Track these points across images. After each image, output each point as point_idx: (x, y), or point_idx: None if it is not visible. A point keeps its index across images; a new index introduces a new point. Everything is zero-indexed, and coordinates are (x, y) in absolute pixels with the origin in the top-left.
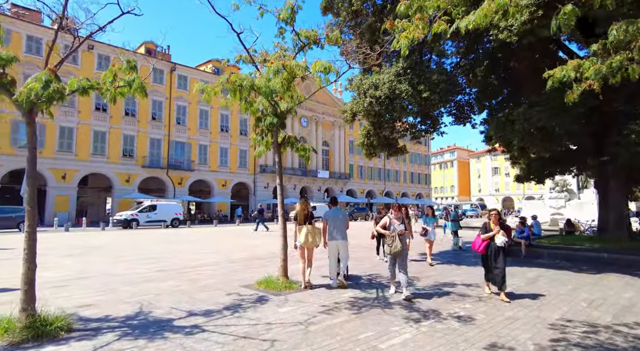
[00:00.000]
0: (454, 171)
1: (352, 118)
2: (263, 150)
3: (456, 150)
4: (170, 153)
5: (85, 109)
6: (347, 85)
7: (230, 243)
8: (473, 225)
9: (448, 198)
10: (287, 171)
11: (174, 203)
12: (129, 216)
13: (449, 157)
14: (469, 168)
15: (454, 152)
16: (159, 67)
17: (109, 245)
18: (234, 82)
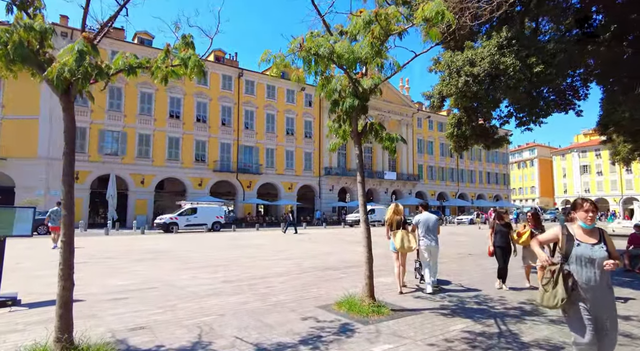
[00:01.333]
0: (535, 170)
1: (440, 103)
2: (338, 143)
3: (536, 147)
4: (239, 158)
5: (161, 116)
6: (431, 66)
7: (299, 248)
8: None
9: (528, 200)
10: (351, 172)
11: (215, 206)
12: (168, 219)
13: (529, 155)
14: (551, 167)
15: (533, 150)
16: (228, 73)
17: (178, 248)
18: (309, 50)
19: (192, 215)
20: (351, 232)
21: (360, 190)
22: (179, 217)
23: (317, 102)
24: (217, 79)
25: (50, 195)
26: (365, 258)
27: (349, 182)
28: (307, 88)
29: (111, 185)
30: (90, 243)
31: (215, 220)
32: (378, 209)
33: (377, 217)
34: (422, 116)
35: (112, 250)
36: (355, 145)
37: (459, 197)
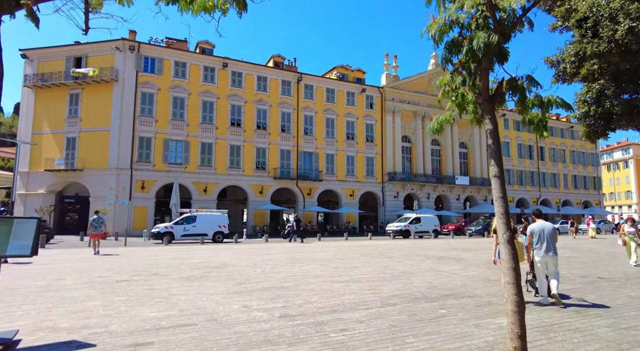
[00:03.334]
0: (630, 172)
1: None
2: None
3: (631, 146)
4: (299, 164)
5: (222, 124)
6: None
7: (369, 265)
8: None
9: (623, 207)
10: (417, 178)
11: (217, 214)
12: (163, 229)
13: (621, 156)
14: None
15: (627, 149)
16: (287, 78)
17: (236, 262)
18: None
19: (190, 224)
20: (428, 245)
21: (498, 188)
22: (175, 226)
23: (378, 103)
24: (277, 85)
25: (119, 205)
26: (511, 303)
27: (415, 188)
28: (367, 89)
29: (174, 194)
30: (147, 254)
31: (217, 230)
32: (425, 218)
33: (423, 227)
34: (496, 114)
35: (163, 263)
36: (486, 116)
37: (541, 204)
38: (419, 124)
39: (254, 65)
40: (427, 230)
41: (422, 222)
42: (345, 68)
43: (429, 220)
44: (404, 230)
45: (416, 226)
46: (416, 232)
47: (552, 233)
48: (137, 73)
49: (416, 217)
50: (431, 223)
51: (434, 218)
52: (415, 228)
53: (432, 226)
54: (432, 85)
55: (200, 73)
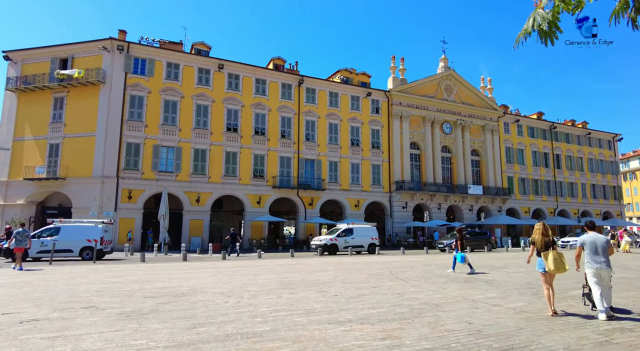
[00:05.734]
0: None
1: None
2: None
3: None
4: (300, 172)
5: (217, 130)
6: None
7: (380, 291)
8: None
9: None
10: (427, 187)
11: (89, 225)
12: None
13: (637, 165)
14: None
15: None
16: (287, 81)
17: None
18: None
19: (54, 237)
20: (444, 262)
21: None
22: (35, 239)
23: (384, 108)
24: (276, 88)
25: (104, 216)
26: None
27: (425, 198)
28: (373, 93)
29: (163, 204)
30: (106, 275)
31: (85, 245)
32: (360, 229)
33: (356, 241)
34: (509, 120)
35: (115, 289)
36: None
37: (558, 214)
38: (428, 130)
39: (252, 67)
40: (362, 244)
41: (355, 235)
42: (350, 71)
43: (364, 231)
44: (329, 245)
45: (346, 239)
46: (347, 246)
47: (605, 245)
48: (125, 75)
49: (347, 228)
50: (367, 235)
51: (371, 229)
52: (345, 242)
53: (368, 239)
54: (442, 89)
55: (194, 75)
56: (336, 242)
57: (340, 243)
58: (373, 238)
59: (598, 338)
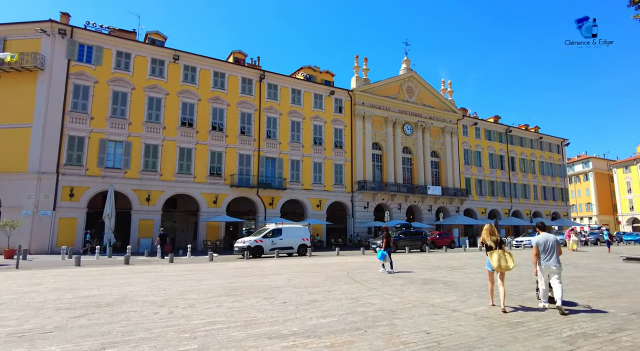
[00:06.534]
0: (590, 185)
1: None
2: None
3: (590, 159)
4: (260, 171)
5: (171, 124)
6: None
7: (334, 296)
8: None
9: (584, 219)
10: (389, 188)
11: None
12: None
13: (582, 169)
14: (609, 181)
15: (587, 162)
16: (248, 76)
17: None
18: None
19: None
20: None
21: None
22: None
23: (347, 107)
24: (236, 83)
25: (39, 216)
26: None
27: (386, 199)
28: (336, 91)
29: (109, 203)
30: (38, 279)
31: None
32: (289, 230)
33: (284, 243)
34: (467, 123)
35: (27, 300)
36: None
37: (512, 215)
38: (390, 131)
39: (210, 60)
40: (291, 245)
41: (284, 235)
42: (313, 69)
43: (293, 232)
44: (253, 247)
45: (274, 240)
46: (274, 248)
47: (555, 245)
48: (69, 62)
49: (276, 229)
50: (297, 236)
51: (302, 229)
52: (272, 244)
53: (298, 240)
54: (404, 90)
55: (147, 66)
56: (261, 244)
57: (266, 244)
58: (304, 239)
59: (563, 346)
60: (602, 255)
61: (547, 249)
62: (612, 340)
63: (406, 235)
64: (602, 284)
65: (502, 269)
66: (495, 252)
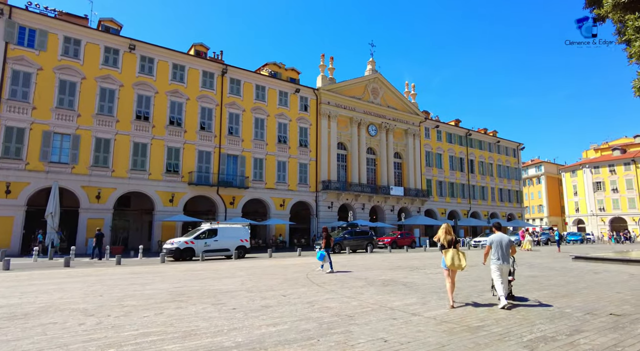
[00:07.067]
0: (542, 188)
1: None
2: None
3: (542, 164)
4: (221, 169)
5: (125, 118)
6: None
7: (288, 301)
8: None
9: (536, 220)
10: (353, 188)
11: None
12: None
13: (534, 172)
14: (559, 185)
15: (540, 166)
16: (209, 69)
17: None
18: None
19: None
20: (344, 261)
21: None
22: None
23: (313, 106)
24: (197, 76)
25: None
26: None
27: (350, 199)
28: (301, 89)
29: (52, 200)
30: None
31: None
32: (226, 230)
33: (220, 244)
34: (429, 126)
35: None
36: None
37: (471, 216)
38: (355, 131)
39: (169, 51)
40: (227, 247)
41: (220, 236)
42: (278, 66)
43: (231, 232)
44: (182, 249)
45: (207, 242)
46: (207, 250)
47: (508, 245)
48: (6, 45)
49: (210, 229)
50: (235, 237)
51: (241, 229)
52: (204, 246)
53: (236, 241)
54: (369, 91)
55: (99, 54)
56: (193, 245)
57: (198, 246)
58: (243, 240)
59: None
60: (553, 255)
61: (500, 248)
62: (572, 343)
63: (351, 235)
64: (556, 283)
65: (455, 267)
66: (449, 250)
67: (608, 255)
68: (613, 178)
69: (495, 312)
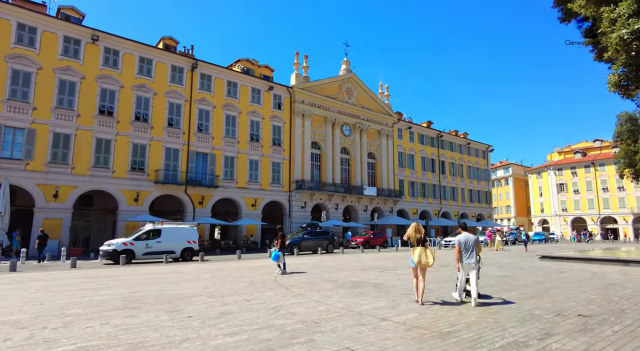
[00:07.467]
0: (510, 189)
1: None
2: None
3: (510, 166)
4: (189, 167)
5: (87, 112)
6: None
7: (251, 307)
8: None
9: (504, 220)
10: (326, 188)
11: None
12: None
13: (503, 174)
14: (525, 186)
15: (508, 168)
16: (179, 64)
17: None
18: None
19: None
20: (319, 262)
21: None
22: None
23: (287, 104)
24: (165, 70)
25: None
26: None
27: (324, 198)
28: (275, 87)
29: (2, 198)
30: None
31: None
32: (171, 231)
33: (163, 245)
34: (402, 127)
35: None
36: None
37: (442, 216)
38: (329, 131)
39: (135, 43)
40: (172, 249)
41: (164, 237)
42: (251, 62)
43: (176, 233)
44: (120, 251)
45: (149, 243)
46: (149, 252)
47: (474, 244)
48: None
49: (154, 229)
50: (181, 238)
51: (189, 230)
52: (146, 247)
53: (182, 243)
54: (343, 91)
55: (58, 44)
56: (132, 247)
57: (138, 248)
58: (190, 242)
59: None
60: (521, 254)
61: (467, 248)
62: (544, 348)
63: (311, 235)
64: (524, 284)
65: (423, 265)
66: (417, 248)
67: (570, 254)
68: (575, 180)
69: (466, 316)
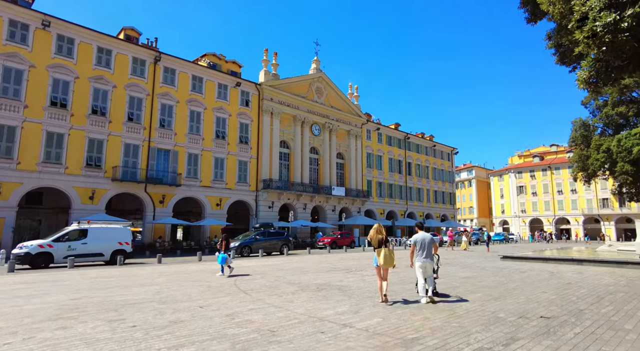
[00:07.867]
0: (473, 191)
1: None
2: None
3: (473, 168)
4: (150, 164)
5: (36, 104)
6: None
7: (204, 315)
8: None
9: (467, 221)
10: (295, 187)
11: None
12: None
13: (466, 176)
14: (487, 188)
15: (471, 170)
16: (141, 56)
17: None
18: None
19: None
20: (282, 264)
21: None
22: None
23: (255, 102)
24: (125, 62)
25: None
26: None
27: (292, 198)
28: (243, 83)
29: None
30: None
31: None
32: (98, 231)
33: (89, 247)
34: (371, 128)
35: None
36: None
37: (407, 216)
38: (298, 130)
39: (93, 32)
40: (100, 251)
41: (91, 238)
42: (218, 57)
43: (105, 234)
44: (34, 254)
45: (71, 245)
46: (71, 255)
47: (430, 243)
48: None
49: (79, 229)
50: (111, 239)
51: (120, 230)
52: (67, 250)
53: (112, 244)
54: (313, 90)
55: (3, 28)
56: (50, 249)
57: (58, 250)
58: (122, 243)
59: None
60: (484, 254)
61: (423, 246)
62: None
63: (264, 236)
64: (488, 285)
65: (387, 265)
66: (381, 250)
67: (529, 254)
68: (533, 183)
69: (430, 320)
